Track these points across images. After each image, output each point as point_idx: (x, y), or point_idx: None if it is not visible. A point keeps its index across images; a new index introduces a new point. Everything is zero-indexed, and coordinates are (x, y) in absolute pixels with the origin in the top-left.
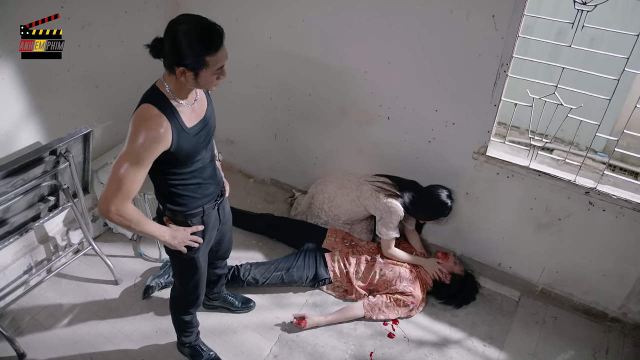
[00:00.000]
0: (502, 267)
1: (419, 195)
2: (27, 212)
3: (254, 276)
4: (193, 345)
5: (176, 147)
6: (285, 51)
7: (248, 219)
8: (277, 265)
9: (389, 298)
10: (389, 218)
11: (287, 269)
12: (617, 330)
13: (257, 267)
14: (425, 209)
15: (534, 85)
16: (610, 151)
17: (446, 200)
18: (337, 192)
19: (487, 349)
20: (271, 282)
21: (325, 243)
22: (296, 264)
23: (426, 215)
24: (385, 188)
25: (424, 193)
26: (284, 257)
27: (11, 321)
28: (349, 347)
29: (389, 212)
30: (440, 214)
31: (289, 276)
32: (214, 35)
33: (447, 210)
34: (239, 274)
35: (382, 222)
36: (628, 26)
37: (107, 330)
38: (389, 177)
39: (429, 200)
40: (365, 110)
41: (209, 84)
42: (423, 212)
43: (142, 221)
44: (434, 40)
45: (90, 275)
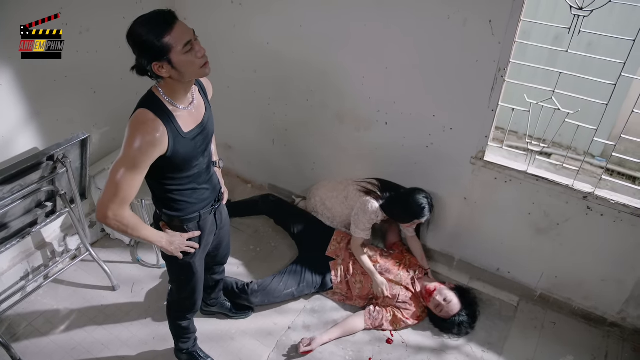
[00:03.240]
0: (501, 272)
1: (398, 196)
2: (24, 218)
3: (262, 301)
4: (191, 352)
5: (172, 151)
6: (283, 57)
7: (251, 205)
8: (285, 283)
9: (390, 312)
10: (361, 216)
11: (298, 284)
12: (616, 335)
13: (264, 291)
14: (401, 209)
15: (531, 90)
16: (608, 156)
17: (422, 202)
18: (328, 195)
19: (486, 355)
20: (282, 300)
21: (330, 250)
22: (304, 278)
23: (402, 217)
24: (369, 189)
25: (403, 194)
26: (289, 272)
27: (8, 327)
28: (347, 353)
29: (361, 210)
30: (414, 215)
31: (300, 292)
32: (160, 15)
33: (421, 213)
34: (247, 294)
35: (354, 219)
36: (624, 31)
37: (104, 336)
38: (377, 180)
39: (406, 201)
40: (363, 115)
41: (190, 66)
42: (399, 213)
43: (139, 226)
44: (431, 46)
45: (88, 282)
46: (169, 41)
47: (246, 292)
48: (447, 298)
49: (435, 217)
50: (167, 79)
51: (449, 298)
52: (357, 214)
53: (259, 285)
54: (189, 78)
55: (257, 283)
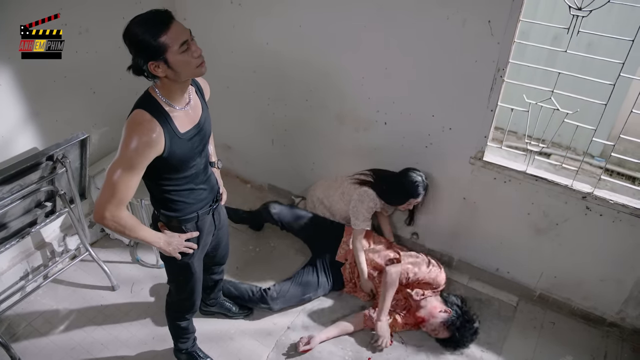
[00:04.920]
0: (500, 272)
1: (392, 179)
2: (23, 218)
3: (282, 307)
4: (190, 352)
5: (169, 152)
6: (283, 57)
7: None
8: (303, 289)
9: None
10: (359, 207)
11: (315, 289)
12: (615, 335)
13: (284, 298)
14: (396, 190)
15: (530, 91)
16: (607, 156)
17: (416, 179)
18: (325, 194)
19: (485, 355)
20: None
21: (339, 254)
22: (320, 283)
23: (397, 198)
24: (363, 179)
25: (397, 175)
26: (305, 277)
27: (7, 327)
28: (346, 352)
29: (358, 200)
30: (409, 194)
31: (316, 296)
32: (157, 15)
33: (416, 190)
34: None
35: (352, 211)
36: (623, 31)
37: (103, 336)
38: (370, 170)
39: (400, 181)
40: (362, 115)
41: (186, 66)
42: (394, 194)
43: (137, 227)
44: (430, 46)
45: (87, 281)
46: (165, 41)
47: (266, 300)
48: (435, 329)
49: (432, 210)
50: (163, 79)
51: (437, 329)
52: (355, 206)
53: (277, 292)
54: (184, 78)
55: (275, 290)
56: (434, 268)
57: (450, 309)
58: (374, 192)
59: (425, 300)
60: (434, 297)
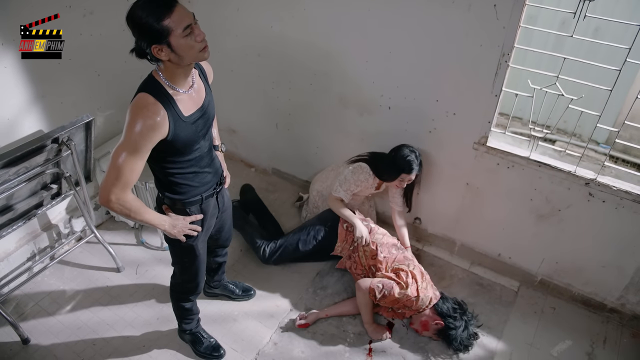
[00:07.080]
0: (502, 257)
1: (386, 154)
2: (30, 200)
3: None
4: (194, 332)
5: (173, 135)
6: (287, 40)
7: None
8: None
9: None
10: (349, 176)
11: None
12: (615, 321)
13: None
14: (388, 164)
15: (535, 76)
16: (612, 142)
17: (408, 155)
18: (323, 186)
19: (486, 339)
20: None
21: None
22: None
23: (389, 173)
24: (357, 158)
25: (390, 151)
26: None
27: (15, 307)
28: (348, 335)
29: (352, 171)
30: (401, 169)
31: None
32: None
33: (408, 165)
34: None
35: (340, 179)
36: (632, 17)
37: (109, 316)
38: (367, 153)
39: (392, 156)
40: (366, 100)
41: (189, 50)
42: (386, 169)
43: (142, 210)
44: (435, 30)
45: (93, 263)
46: (168, 24)
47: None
48: (431, 337)
49: (435, 195)
50: (166, 63)
51: (433, 337)
52: (345, 176)
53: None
54: (188, 62)
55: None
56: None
57: (442, 322)
58: (368, 167)
59: (415, 315)
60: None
